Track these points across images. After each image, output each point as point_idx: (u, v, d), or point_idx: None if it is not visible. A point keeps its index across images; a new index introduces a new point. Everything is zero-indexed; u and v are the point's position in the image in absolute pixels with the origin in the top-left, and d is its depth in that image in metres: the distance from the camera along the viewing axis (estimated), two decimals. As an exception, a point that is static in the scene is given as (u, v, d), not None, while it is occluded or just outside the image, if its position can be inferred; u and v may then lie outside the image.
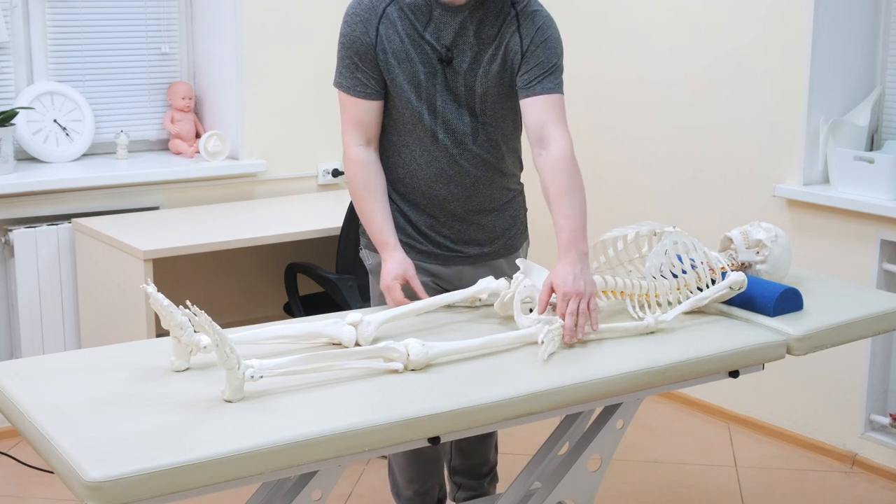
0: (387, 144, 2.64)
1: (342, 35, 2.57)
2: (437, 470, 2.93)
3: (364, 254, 2.76)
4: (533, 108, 2.52)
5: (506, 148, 2.67)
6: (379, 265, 2.62)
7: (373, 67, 2.55)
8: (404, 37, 2.52)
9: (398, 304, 2.49)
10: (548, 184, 2.49)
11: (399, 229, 2.65)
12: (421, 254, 2.68)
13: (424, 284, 2.61)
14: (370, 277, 2.77)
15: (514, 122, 2.66)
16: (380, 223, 2.59)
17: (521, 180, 2.79)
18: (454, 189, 2.63)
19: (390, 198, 2.65)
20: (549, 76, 2.52)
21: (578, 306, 2.32)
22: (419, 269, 2.64)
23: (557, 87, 2.53)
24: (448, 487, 3.04)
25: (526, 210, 2.82)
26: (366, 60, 2.55)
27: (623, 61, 4.20)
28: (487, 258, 2.72)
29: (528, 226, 2.84)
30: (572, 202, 2.45)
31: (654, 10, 4.08)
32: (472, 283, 2.59)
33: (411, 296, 2.54)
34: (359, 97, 2.58)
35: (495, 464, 3.03)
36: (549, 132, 2.50)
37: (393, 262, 2.56)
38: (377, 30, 2.52)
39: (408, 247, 2.65)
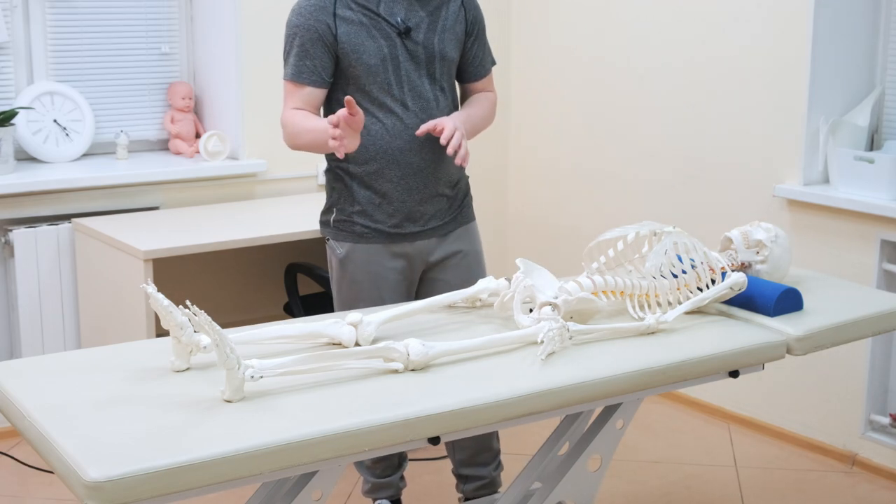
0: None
1: (292, 27, 2.73)
2: None
3: (332, 244, 2.87)
4: (483, 82, 2.95)
5: None
6: (346, 255, 2.82)
7: (323, 54, 2.71)
8: (362, 17, 2.72)
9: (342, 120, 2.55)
10: (475, 97, 2.93)
11: (369, 214, 2.80)
12: (391, 237, 2.82)
13: (393, 270, 2.82)
14: (337, 271, 2.87)
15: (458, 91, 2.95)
16: (314, 120, 2.68)
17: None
18: (426, 155, 2.79)
19: (364, 184, 2.79)
20: (489, 54, 2.96)
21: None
22: (391, 255, 2.82)
23: (492, 62, 2.99)
24: (455, 482, 3.12)
25: (470, 191, 2.99)
26: (317, 47, 2.71)
27: (623, 62, 4.20)
28: (443, 231, 2.88)
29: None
30: (482, 108, 2.91)
31: (653, 11, 4.08)
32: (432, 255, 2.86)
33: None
34: (303, 83, 2.73)
35: (498, 451, 3.09)
36: (488, 88, 2.98)
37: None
38: (334, 15, 2.70)
39: (378, 233, 2.81)
